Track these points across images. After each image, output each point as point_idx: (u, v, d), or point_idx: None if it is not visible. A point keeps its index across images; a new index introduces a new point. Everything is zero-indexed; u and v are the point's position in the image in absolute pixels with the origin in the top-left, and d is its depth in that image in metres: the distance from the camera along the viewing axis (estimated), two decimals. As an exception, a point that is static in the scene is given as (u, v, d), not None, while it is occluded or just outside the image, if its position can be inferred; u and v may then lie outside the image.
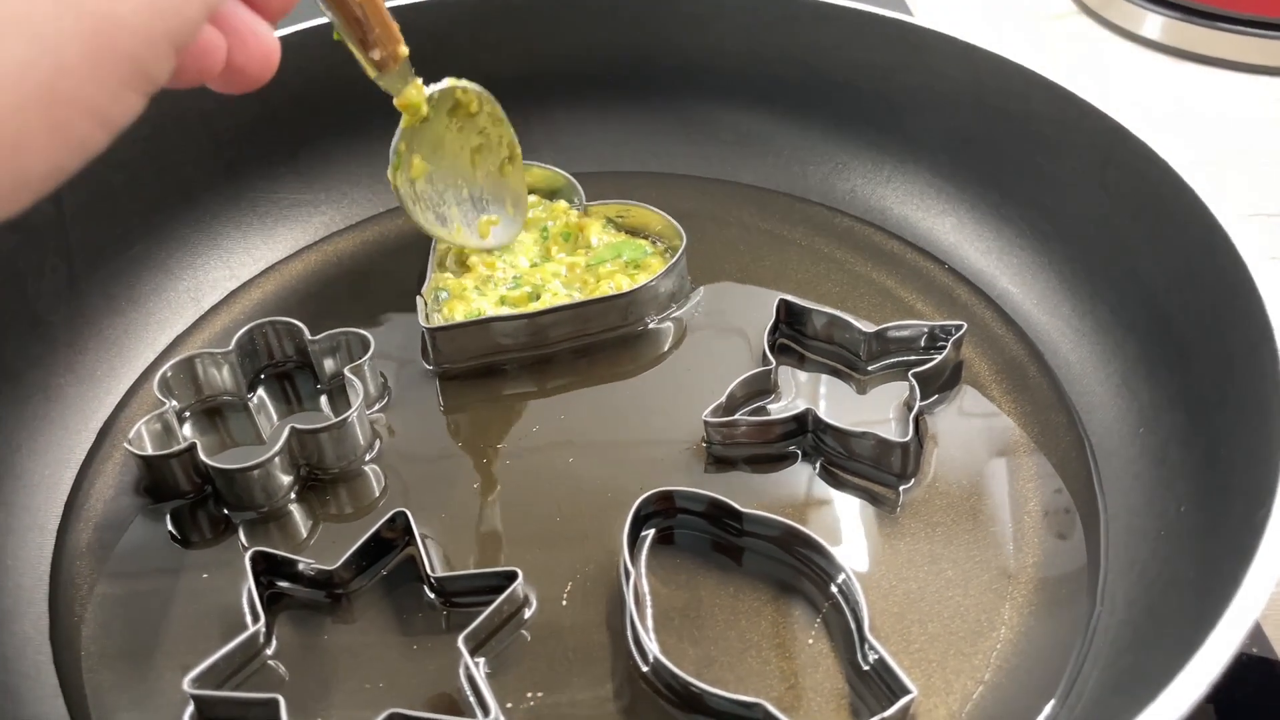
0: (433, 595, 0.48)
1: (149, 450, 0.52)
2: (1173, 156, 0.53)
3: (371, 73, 0.54)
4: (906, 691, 0.42)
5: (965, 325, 0.57)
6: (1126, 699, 0.37)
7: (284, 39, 0.65)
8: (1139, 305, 0.55)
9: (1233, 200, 0.50)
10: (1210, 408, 0.49)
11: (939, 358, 0.56)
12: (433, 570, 0.48)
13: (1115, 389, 0.54)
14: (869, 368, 0.57)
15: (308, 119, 0.68)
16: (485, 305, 0.60)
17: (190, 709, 0.44)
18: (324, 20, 0.66)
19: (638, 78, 0.72)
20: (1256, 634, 0.50)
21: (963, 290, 0.62)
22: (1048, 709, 0.44)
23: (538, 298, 0.60)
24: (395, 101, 0.57)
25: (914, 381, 0.54)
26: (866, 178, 0.68)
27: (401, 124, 0.58)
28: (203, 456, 0.51)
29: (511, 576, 0.47)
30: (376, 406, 0.57)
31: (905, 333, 0.57)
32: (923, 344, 0.57)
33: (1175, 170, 0.52)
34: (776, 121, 0.70)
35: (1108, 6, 0.92)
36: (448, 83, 0.59)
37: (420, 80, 0.57)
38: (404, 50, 0.54)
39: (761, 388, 0.56)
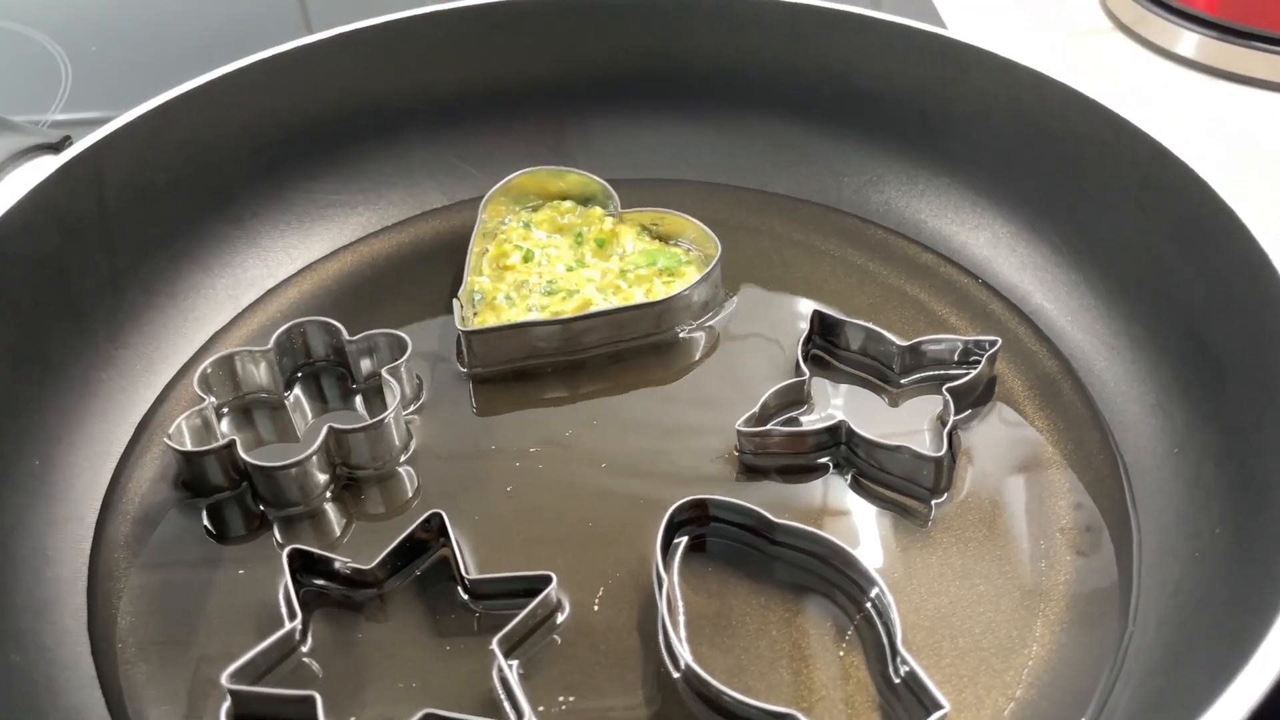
0: (466, 597, 0.49)
1: (188, 445, 0.53)
2: (1213, 177, 0.53)
3: None
4: (939, 706, 0.42)
5: (1000, 340, 0.57)
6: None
7: (325, 44, 0.67)
8: (1175, 324, 0.55)
9: (1266, 220, 0.50)
10: (1245, 428, 0.49)
11: (973, 373, 0.56)
12: (467, 572, 0.48)
13: (1149, 408, 0.54)
14: (902, 381, 0.58)
15: (346, 123, 0.69)
16: (516, 317, 0.60)
17: (227, 703, 0.44)
18: (362, 25, 0.67)
19: (673, 86, 0.72)
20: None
21: (997, 305, 0.62)
22: (1079, 727, 0.44)
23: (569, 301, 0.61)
24: None
25: (948, 396, 0.54)
26: (901, 190, 0.68)
27: None
28: (241, 453, 0.52)
29: (545, 580, 0.47)
30: (411, 408, 0.57)
31: (939, 347, 0.57)
32: (956, 358, 0.57)
33: (1216, 191, 0.52)
34: (811, 132, 0.70)
35: (1143, 23, 0.92)
36: None
37: None
38: None
39: (794, 398, 0.56)
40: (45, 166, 0.56)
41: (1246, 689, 0.36)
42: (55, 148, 0.59)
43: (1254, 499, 0.46)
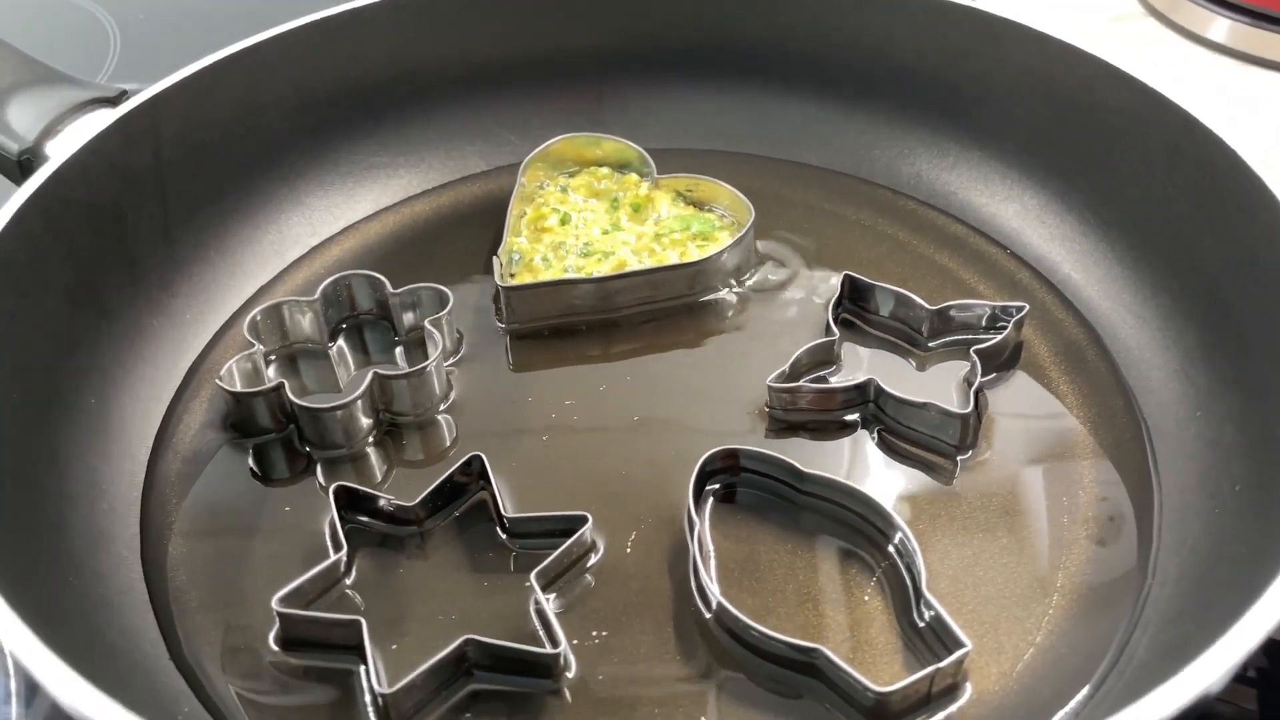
0: (504, 536, 0.50)
1: (238, 387, 0.55)
2: (1241, 145, 0.54)
3: None
4: (961, 645, 0.44)
5: (1027, 306, 0.58)
6: (1169, 668, 0.38)
7: (372, 9, 0.68)
8: (1200, 293, 0.56)
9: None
10: (1268, 392, 0.50)
11: (999, 337, 0.57)
12: (506, 512, 0.50)
13: (1173, 373, 0.56)
14: (930, 344, 0.59)
15: (391, 87, 0.70)
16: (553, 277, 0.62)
17: (275, 628, 0.46)
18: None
19: (709, 57, 0.73)
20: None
21: (1024, 274, 0.63)
22: (1097, 673, 0.45)
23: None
24: None
25: (975, 357, 0.55)
26: (931, 162, 0.69)
27: None
28: (290, 395, 0.53)
29: (581, 520, 0.49)
30: (451, 360, 0.59)
31: (967, 312, 0.58)
32: (984, 324, 0.59)
33: (1243, 159, 0.53)
34: (843, 104, 0.72)
35: (1174, 9, 0.92)
36: None
37: None
38: None
39: (825, 358, 0.58)
40: (104, 119, 0.59)
41: (1249, 631, 0.37)
42: (112, 102, 0.61)
43: (1273, 460, 0.48)
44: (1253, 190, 0.52)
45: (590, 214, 0.66)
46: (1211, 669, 0.37)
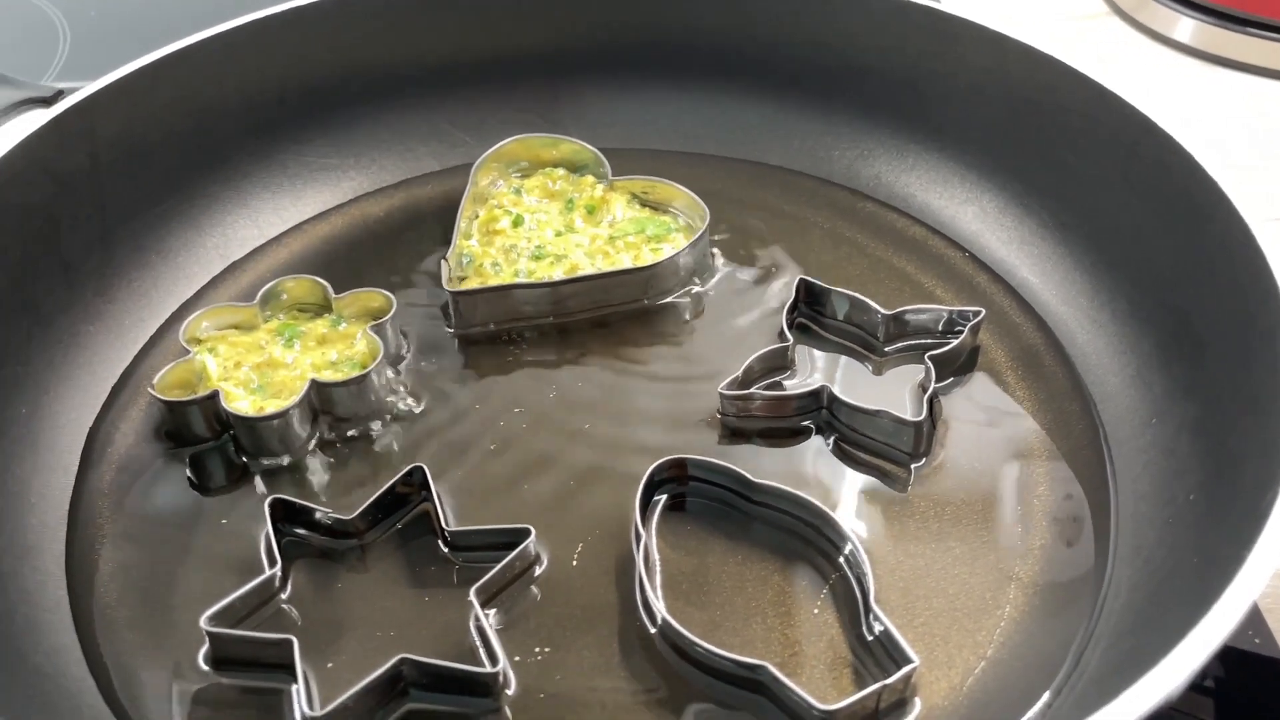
0: (446, 550, 0.49)
1: (172, 395, 0.53)
2: (1199, 151, 0.53)
3: None
4: (909, 661, 0.43)
5: (984, 311, 0.57)
6: (1124, 679, 0.38)
7: (321, 6, 0.67)
8: (1158, 298, 0.55)
9: (1258, 205, 0.51)
10: (1223, 400, 0.49)
11: (955, 342, 0.56)
12: (447, 524, 0.49)
13: (1130, 379, 0.55)
14: (886, 349, 0.58)
15: (340, 86, 0.69)
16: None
17: (205, 647, 0.45)
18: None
19: (667, 56, 0.72)
20: (1261, 630, 0.50)
21: (983, 278, 0.62)
22: (1050, 687, 0.44)
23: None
24: None
25: (930, 363, 0.54)
26: (891, 164, 0.68)
27: None
28: (224, 404, 0.52)
29: (524, 533, 0.48)
30: (396, 366, 0.58)
31: (923, 316, 0.58)
32: (940, 328, 0.58)
33: (1201, 164, 0.52)
34: (804, 105, 0.71)
35: (1139, 9, 0.92)
36: None
37: None
38: None
39: (778, 364, 0.57)
40: (37, 119, 0.57)
41: (1203, 641, 0.36)
42: (47, 101, 0.59)
43: (1227, 468, 0.47)
44: (1210, 196, 0.51)
45: (544, 215, 0.65)
46: (1165, 681, 0.36)
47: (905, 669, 0.43)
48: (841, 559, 0.48)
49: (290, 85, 0.67)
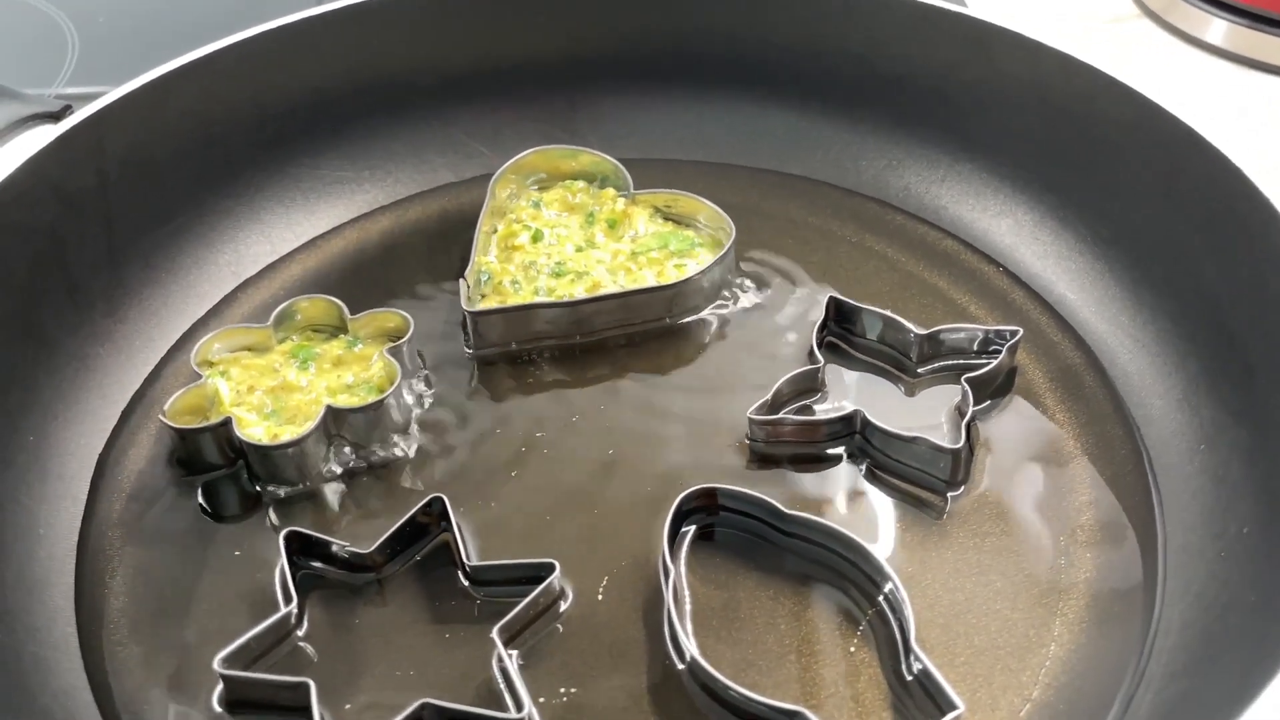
0: (467, 583, 0.47)
1: (184, 421, 0.51)
2: (1245, 162, 0.51)
3: None
4: (953, 707, 0.41)
5: (1021, 330, 0.55)
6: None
7: (333, 15, 0.65)
8: (1203, 317, 0.53)
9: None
10: (1275, 426, 0.47)
11: (993, 363, 0.54)
12: (468, 558, 0.47)
13: (1175, 403, 0.53)
14: (919, 370, 0.56)
15: (354, 98, 0.67)
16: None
17: (219, 688, 0.43)
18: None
19: (688, 65, 0.70)
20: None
21: (1018, 294, 0.60)
22: (1098, 731, 0.43)
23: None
24: None
25: (967, 387, 0.53)
26: (921, 175, 0.66)
27: None
28: (237, 431, 0.50)
29: (548, 568, 0.46)
30: (415, 387, 0.56)
31: (959, 336, 0.56)
32: (976, 348, 0.56)
33: (1250, 179, 0.50)
34: (829, 114, 0.69)
35: (1170, 10, 0.90)
36: None
37: None
38: None
39: (808, 386, 0.55)
40: (44, 135, 0.55)
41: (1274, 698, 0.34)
42: (55, 117, 0.58)
43: (1284, 499, 0.45)
44: (1258, 210, 0.49)
45: (564, 230, 0.63)
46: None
47: (949, 716, 0.41)
48: (880, 596, 0.46)
49: (303, 97, 0.66)
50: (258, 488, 0.51)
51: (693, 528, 0.49)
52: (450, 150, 0.70)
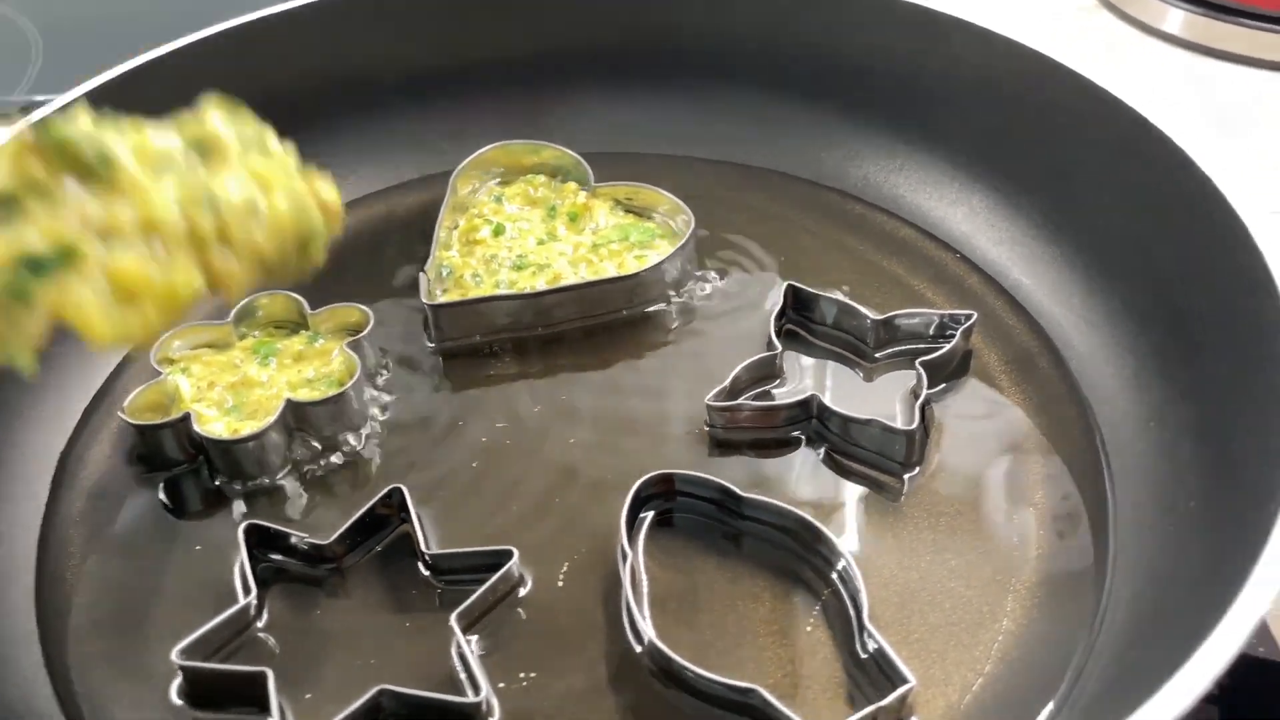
0: (427, 572, 0.48)
1: (144, 418, 0.51)
2: (1194, 149, 0.52)
3: None
4: (905, 681, 0.42)
5: (975, 315, 0.56)
6: (1129, 695, 0.36)
7: (296, 12, 0.65)
8: (1154, 299, 0.54)
9: (1253, 197, 0.49)
10: (1223, 403, 0.48)
11: (947, 346, 0.55)
12: (427, 547, 0.47)
13: (1127, 382, 0.53)
14: (876, 355, 0.57)
15: (316, 93, 0.67)
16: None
17: (178, 680, 0.43)
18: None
19: (651, 58, 0.71)
20: (1265, 636, 0.49)
21: (974, 279, 0.61)
22: (1049, 704, 0.43)
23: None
24: None
25: (921, 370, 0.53)
26: (880, 164, 0.67)
27: None
28: (196, 427, 0.50)
29: (506, 555, 0.46)
30: (375, 382, 0.56)
31: (914, 321, 0.56)
32: (931, 333, 0.56)
33: (1197, 163, 0.51)
34: (791, 105, 0.69)
35: (1129, 1, 0.91)
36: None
37: None
38: None
39: (767, 373, 0.55)
40: (2, 137, 0.55)
41: (1211, 658, 0.35)
42: (8, 119, 0.58)
43: (1230, 474, 0.45)
44: (1204, 194, 0.50)
45: (525, 223, 0.64)
46: (1173, 701, 0.34)
47: (901, 689, 0.41)
48: (834, 575, 0.46)
49: (267, 92, 0.65)
50: (218, 483, 0.52)
51: (651, 513, 0.50)
52: (413, 146, 0.70)
